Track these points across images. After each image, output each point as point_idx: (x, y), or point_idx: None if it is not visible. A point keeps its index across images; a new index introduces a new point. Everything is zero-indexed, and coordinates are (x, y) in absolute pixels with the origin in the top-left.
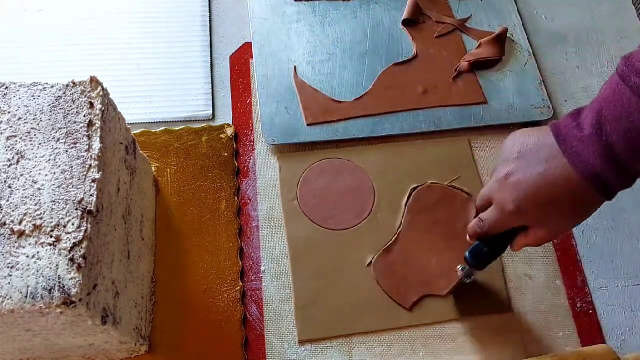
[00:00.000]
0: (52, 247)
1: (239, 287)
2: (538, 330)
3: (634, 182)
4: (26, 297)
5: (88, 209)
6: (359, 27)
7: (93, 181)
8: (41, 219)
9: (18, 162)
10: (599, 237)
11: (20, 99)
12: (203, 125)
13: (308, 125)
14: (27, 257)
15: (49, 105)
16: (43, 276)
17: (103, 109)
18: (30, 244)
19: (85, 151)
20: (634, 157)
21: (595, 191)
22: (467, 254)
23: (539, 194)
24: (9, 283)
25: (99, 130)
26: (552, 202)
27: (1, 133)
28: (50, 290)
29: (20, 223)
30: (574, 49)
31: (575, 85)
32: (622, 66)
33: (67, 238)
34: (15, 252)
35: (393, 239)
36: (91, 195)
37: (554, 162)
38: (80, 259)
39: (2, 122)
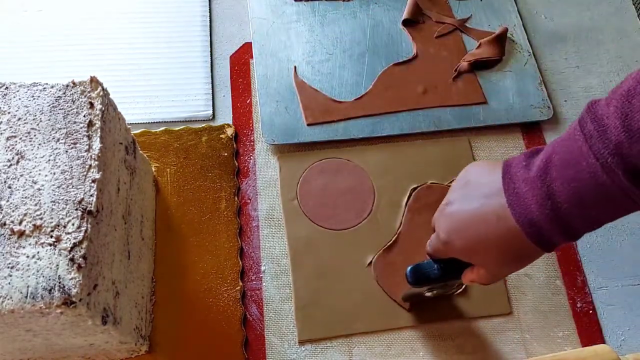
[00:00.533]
0: (52, 247)
1: (239, 287)
2: (538, 330)
3: (576, 238)
4: (26, 297)
5: (88, 209)
6: (358, 27)
7: (93, 181)
8: (41, 219)
9: (18, 162)
10: (599, 237)
11: (20, 99)
12: (203, 125)
13: (308, 125)
14: (27, 257)
15: (49, 105)
16: (43, 276)
17: (103, 109)
18: (30, 244)
19: (85, 151)
20: (575, 210)
21: (528, 239)
22: (408, 268)
23: (469, 228)
24: (9, 283)
25: (98, 130)
26: (481, 241)
27: (1, 133)
28: (50, 290)
29: (20, 223)
30: (573, 48)
31: (575, 85)
32: (584, 111)
33: (67, 238)
34: (15, 252)
35: (393, 239)
36: (91, 195)
37: (492, 199)
38: (80, 259)
39: (2, 122)
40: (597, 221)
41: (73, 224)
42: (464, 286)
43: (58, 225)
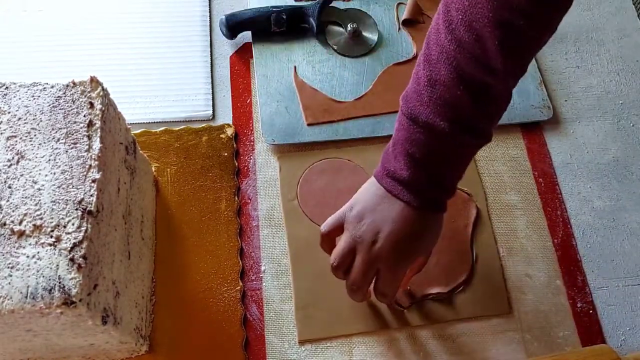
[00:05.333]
0: (52, 247)
1: (239, 287)
2: (538, 330)
3: (455, 190)
4: (26, 297)
5: (88, 209)
6: None
7: (93, 181)
8: (41, 219)
9: (18, 162)
10: (599, 237)
11: (20, 99)
12: (203, 125)
13: (308, 125)
14: (27, 257)
15: (49, 105)
16: (43, 276)
17: (103, 109)
18: (30, 244)
19: (85, 151)
20: (446, 174)
21: (430, 212)
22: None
23: (399, 240)
24: (9, 283)
25: (99, 130)
26: (406, 235)
27: (1, 133)
28: (51, 290)
29: (20, 223)
30: (574, 48)
31: (575, 84)
32: (404, 107)
33: (67, 238)
34: (15, 252)
35: None
36: (91, 196)
37: (384, 205)
38: (81, 259)
39: (2, 122)
40: (456, 171)
41: (73, 224)
42: (462, 286)
43: (58, 225)
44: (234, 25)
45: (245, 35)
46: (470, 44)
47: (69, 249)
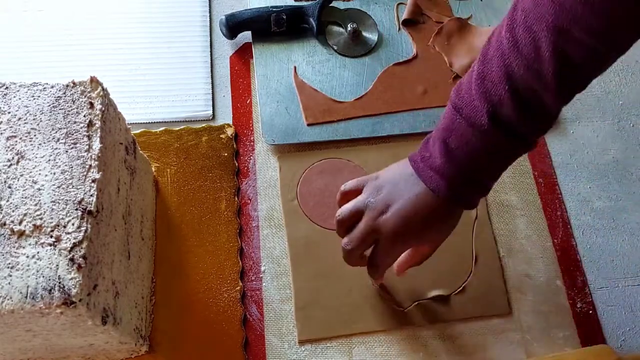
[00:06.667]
0: (52, 247)
1: (239, 287)
2: (538, 330)
3: (489, 191)
4: (26, 297)
5: (88, 209)
6: None
7: (93, 181)
8: (41, 219)
9: (18, 162)
10: (599, 237)
11: (20, 99)
12: (203, 125)
13: (308, 125)
14: (27, 257)
15: (49, 105)
16: (43, 276)
17: (103, 109)
18: (30, 244)
19: (85, 151)
20: (480, 172)
21: (454, 205)
22: None
23: (410, 221)
24: (9, 283)
25: (98, 130)
26: (421, 221)
27: (1, 133)
28: (50, 290)
29: (20, 223)
30: None
31: None
32: (454, 97)
33: (67, 238)
34: (15, 252)
35: None
36: (91, 196)
37: (411, 188)
38: (80, 259)
39: (2, 122)
40: (493, 173)
41: (73, 224)
42: (462, 286)
43: (58, 225)
44: (234, 25)
45: (245, 35)
46: (526, 46)
47: (69, 249)
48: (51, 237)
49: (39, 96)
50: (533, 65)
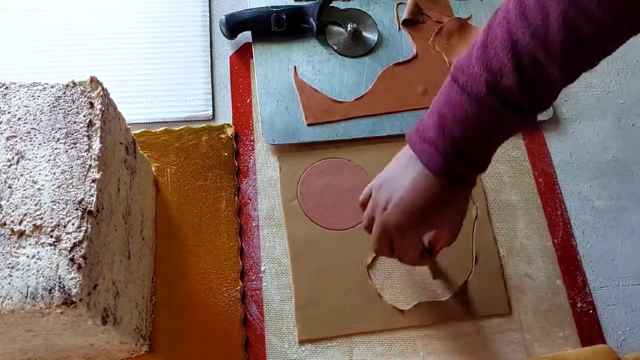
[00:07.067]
0: (52, 247)
1: (239, 287)
2: (538, 330)
3: (484, 168)
4: (26, 297)
5: (88, 209)
6: None
7: (93, 181)
8: (41, 219)
9: (18, 162)
10: (599, 237)
11: (20, 99)
12: (203, 125)
13: (308, 125)
14: (27, 257)
15: (49, 105)
16: (43, 276)
17: (103, 109)
18: (30, 244)
19: (85, 151)
20: (470, 143)
21: (450, 183)
22: None
23: (416, 207)
24: (9, 283)
25: (98, 130)
26: (429, 205)
27: (1, 133)
28: (51, 290)
29: (20, 223)
30: None
31: (576, 84)
32: (453, 69)
33: (67, 238)
34: (15, 252)
35: None
36: (91, 195)
37: (410, 171)
38: (81, 259)
39: (2, 122)
40: (487, 147)
41: (73, 224)
42: (462, 286)
43: (58, 225)
44: (234, 25)
45: (245, 35)
46: (534, 14)
47: (69, 249)
48: (51, 237)
49: (39, 96)
50: (540, 34)
